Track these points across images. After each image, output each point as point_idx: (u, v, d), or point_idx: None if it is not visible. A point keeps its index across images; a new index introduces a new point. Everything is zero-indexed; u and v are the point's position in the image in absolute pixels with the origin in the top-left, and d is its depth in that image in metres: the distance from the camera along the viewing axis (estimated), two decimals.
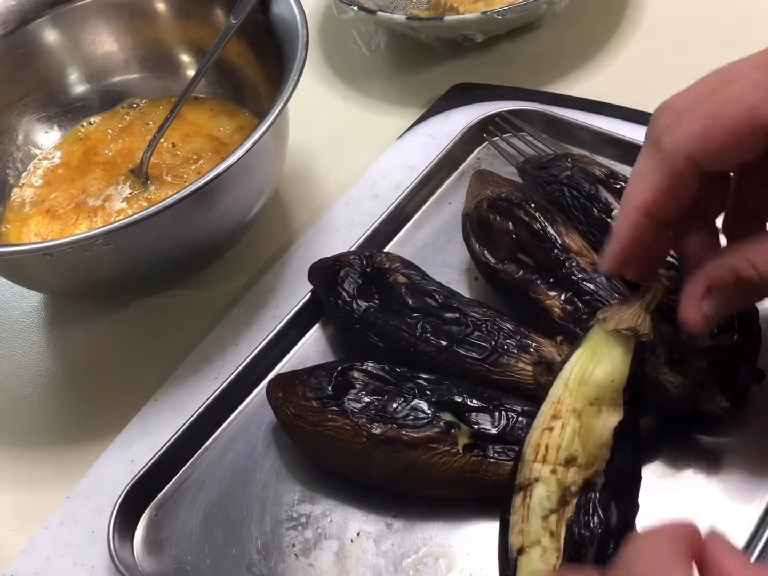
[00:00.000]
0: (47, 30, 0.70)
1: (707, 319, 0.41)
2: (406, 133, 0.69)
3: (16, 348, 0.64)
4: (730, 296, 0.41)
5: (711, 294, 0.41)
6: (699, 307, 0.41)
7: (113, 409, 0.58)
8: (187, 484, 0.53)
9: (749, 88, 0.36)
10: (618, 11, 0.77)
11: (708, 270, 0.41)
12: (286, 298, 0.60)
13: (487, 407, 0.47)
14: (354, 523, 0.49)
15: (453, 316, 0.51)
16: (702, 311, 0.41)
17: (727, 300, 0.41)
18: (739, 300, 0.41)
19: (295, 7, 0.61)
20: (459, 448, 0.46)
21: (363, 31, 0.81)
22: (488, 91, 0.70)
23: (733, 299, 0.41)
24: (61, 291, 0.64)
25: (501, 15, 0.71)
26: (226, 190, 0.56)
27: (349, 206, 0.65)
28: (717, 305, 0.41)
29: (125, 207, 0.65)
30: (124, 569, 0.48)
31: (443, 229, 0.62)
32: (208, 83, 0.70)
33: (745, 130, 0.37)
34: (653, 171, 0.39)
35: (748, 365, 0.47)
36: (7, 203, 0.68)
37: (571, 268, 0.51)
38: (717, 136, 0.37)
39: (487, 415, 0.47)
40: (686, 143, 0.38)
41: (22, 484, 0.57)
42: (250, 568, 0.48)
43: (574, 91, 0.70)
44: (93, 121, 0.72)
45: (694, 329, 0.41)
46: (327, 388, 0.49)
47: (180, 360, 0.59)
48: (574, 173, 0.56)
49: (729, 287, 0.40)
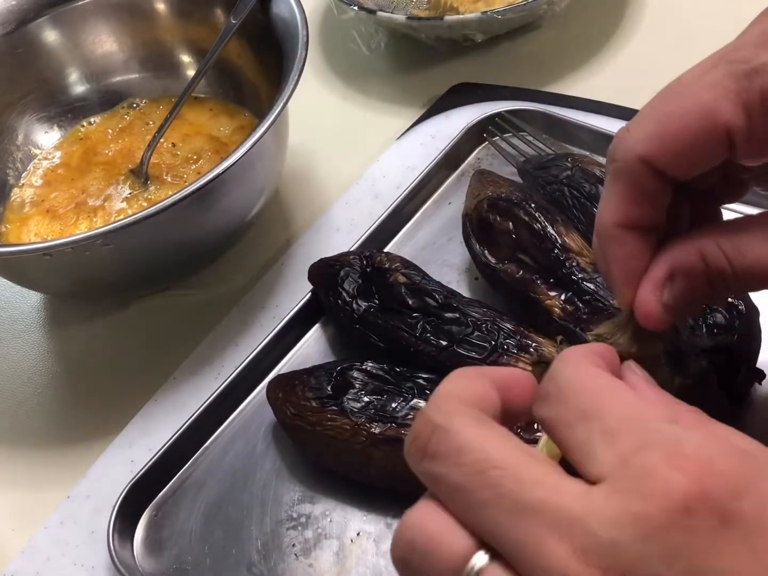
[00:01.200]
0: (47, 30, 0.70)
1: (666, 311, 0.35)
2: (406, 133, 0.69)
3: (16, 348, 0.64)
4: (695, 286, 0.35)
5: (674, 281, 0.35)
6: (658, 294, 0.35)
7: (113, 409, 0.58)
8: (187, 484, 0.53)
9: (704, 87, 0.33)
10: (618, 11, 0.77)
11: (672, 252, 0.35)
12: (286, 298, 0.60)
13: None
14: (354, 523, 0.49)
15: (453, 316, 0.51)
16: (661, 299, 0.35)
17: (692, 290, 0.35)
18: (706, 293, 0.35)
19: (295, 7, 0.61)
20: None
21: (363, 31, 0.81)
22: (488, 91, 0.70)
23: (698, 291, 0.35)
24: (61, 291, 0.64)
25: (501, 15, 0.71)
26: (226, 190, 0.56)
27: (349, 206, 0.65)
28: (679, 295, 0.35)
29: (125, 207, 0.65)
30: (124, 569, 0.48)
31: (443, 229, 0.62)
32: (208, 83, 0.70)
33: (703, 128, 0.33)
34: (610, 184, 0.35)
35: (748, 365, 0.47)
36: (7, 203, 0.68)
37: (571, 268, 0.51)
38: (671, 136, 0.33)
39: None
40: (636, 144, 0.34)
41: (22, 484, 0.57)
42: (250, 568, 0.48)
43: (574, 91, 0.70)
44: (93, 121, 0.72)
45: (650, 322, 0.35)
46: (326, 388, 0.49)
47: (180, 360, 0.59)
48: (574, 173, 0.56)
49: (694, 275, 0.34)
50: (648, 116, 0.34)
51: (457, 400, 0.28)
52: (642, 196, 0.35)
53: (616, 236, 0.35)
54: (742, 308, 0.47)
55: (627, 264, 0.36)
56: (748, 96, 0.32)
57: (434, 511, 0.27)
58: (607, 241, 0.36)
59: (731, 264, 0.34)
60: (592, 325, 0.44)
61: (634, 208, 0.35)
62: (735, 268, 0.34)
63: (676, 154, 0.33)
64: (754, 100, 0.32)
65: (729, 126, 0.32)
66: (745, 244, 0.34)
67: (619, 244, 0.36)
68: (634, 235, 0.35)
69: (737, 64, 0.33)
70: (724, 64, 0.33)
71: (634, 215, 0.35)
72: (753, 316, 0.47)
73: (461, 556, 0.26)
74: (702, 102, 0.33)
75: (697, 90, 0.33)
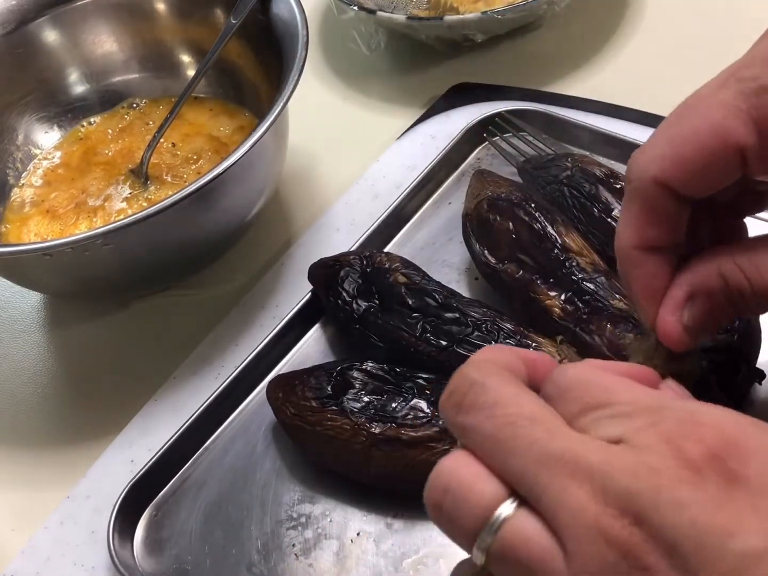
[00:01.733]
0: (47, 30, 0.70)
1: (688, 332, 0.36)
2: (406, 133, 0.69)
3: (16, 348, 0.64)
4: (715, 306, 0.35)
5: (694, 301, 0.35)
6: (679, 316, 0.35)
7: (113, 409, 0.58)
8: (187, 484, 0.53)
9: (715, 106, 0.33)
10: (618, 11, 0.77)
11: (692, 272, 0.35)
12: (286, 298, 0.60)
13: None
14: (354, 523, 0.49)
15: (453, 316, 0.51)
16: (682, 321, 0.35)
17: (712, 310, 0.35)
18: (727, 313, 0.35)
19: (295, 7, 0.61)
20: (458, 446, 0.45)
21: (363, 31, 0.80)
22: (488, 91, 0.70)
23: (719, 310, 0.35)
24: (61, 291, 0.64)
25: (501, 15, 0.71)
26: (226, 190, 0.56)
27: (349, 206, 0.65)
28: (700, 316, 0.35)
29: (125, 207, 0.65)
30: (124, 569, 0.48)
31: (443, 229, 0.62)
32: (208, 83, 0.70)
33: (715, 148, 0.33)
34: (627, 206, 0.36)
35: (748, 365, 0.47)
36: (7, 203, 0.68)
37: (571, 268, 0.51)
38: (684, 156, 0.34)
39: None
40: (650, 166, 0.34)
41: (22, 484, 0.57)
42: (250, 568, 0.48)
43: (574, 91, 0.70)
44: (93, 121, 0.72)
45: (672, 343, 0.36)
46: (326, 387, 0.49)
47: (180, 360, 0.59)
48: (574, 173, 0.56)
49: (715, 295, 0.35)
50: (661, 137, 0.35)
51: (492, 363, 0.31)
52: (658, 217, 0.35)
53: (635, 258, 0.36)
54: None
55: (647, 284, 0.36)
56: (758, 114, 0.33)
57: (468, 460, 0.29)
58: (626, 263, 0.36)
59: (750, 282, 0.34)
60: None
61: (651, 230, 0.35)
62: (754, 286, 0.34)
63: (689, 174, 0.34)
64: (764, 117, 0.33)
65: (741, 145, 0.33)
66: (763, 262, 0.34)
67: (638, 266, 0.36)
68: (652, 256, 0.36)
69: (746, 82, 0.33)
70: (733, 82, 0.34)
71: (651, 236, 0.35)
72: (753, 317, 0.47)
73: (491, 502, 0.28)
74: (713, 121, 0.33)
75: (708, 109, 0.34)
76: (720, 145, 0.33)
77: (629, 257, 0.36)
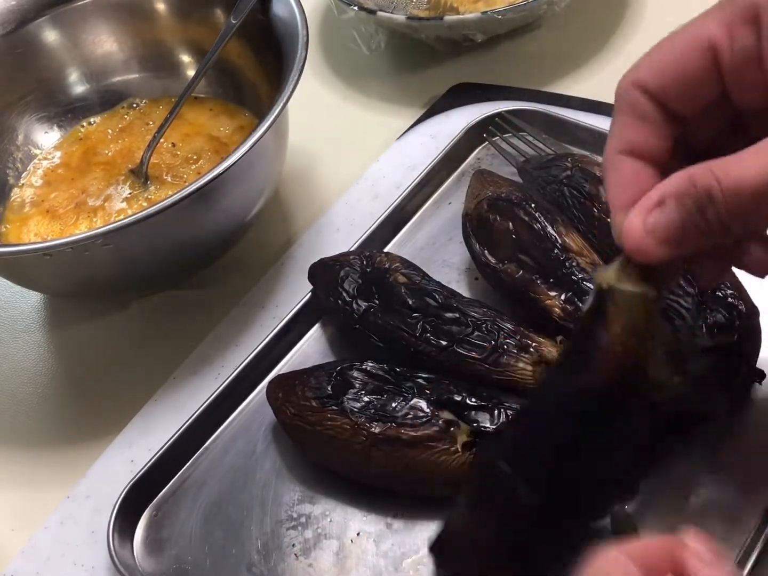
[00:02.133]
0: (47, 30, 0.70)
1: (650, 236, 0.34)
2: (406, 133, 0.69)
3: (16, 348, 0.64)
4: (684, 216, 0.33)
5: (663, 207, 0.34)
6: (644, 218, 0.34)
7: (113, 409, 0.58)
8: (187, 484, 0.53)
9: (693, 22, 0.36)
10: (618, 11, 0.77)
11: (666, 181, 0.34)
12: (286, 298, 0.60)
13: (486, 405, 0.47)
14: (354, 523, 0.49)
15: (453, 316, 0.51)
16: (647, 224, 0.34)
17: (681, 221, 0.34)
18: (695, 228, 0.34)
19: (295, 7, 0.61)
20: (458, 446, 0.46)
21: (363, 31, 0.80)
22: (488, 91, 0.70)
23: (689, 224, 0.33)
24: (61, 291, 0.64)
25: (501, 15, 0.71)
26: (226, 190, 0.56)
27: (349, 206, 0.65)
28: (666, 223, 0.34)
29: (125, 207, 0.65)
30: (124, 569, 0.48)
31: (443, 229, 0.62)
32: (208, 83, 0.70)
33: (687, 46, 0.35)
34: (613, 114, 0.38)
35: (748, 365, 0.47)
36: (7, 203, 0.68)
37: (571, 268, 0.51)
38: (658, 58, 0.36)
39: (486, 413, 0.47)
40: (629, 73, 0.37)
41: (22, 484, 0.57)
42: (250, 568, 0.48)
43: (574, 91, 0.70)
44: (93, 121, 0.72)
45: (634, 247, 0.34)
46: (326, 387, 0.49)
47: (180, 360, 0.59)
48: (574, 173, 0.56)
49: (685, 203, 0.33)
50: (650, 51, 0.37)
51: None
52: (638, 120, 0.37)
53: (615, 162, 0.37)
54: (742, 308, 0.47)
55: (622, 188, 0.37)
56: (732, 13, 0.35)
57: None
58: (606, 168, 0.37)
59: (719, 182, 0.33)
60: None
61: (631, 132, 0.37)
62: (722, 185, 0.33)
63: (664, 74, 0.36)
64: (735, 14, 0.35)
65: (713, 41, 0.35)
66: (733, 163, 0.33)
67: (614, 169, 0.37)
68: (630, 162, 0.37)
69: None
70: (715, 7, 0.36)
71: (630, 139, 0.37)
72: (753, 316, 0.47)
73: None
74: (688, 29, 0.36)
75: (698, 26, 0.36)
76: (692, 43, 0.35)
77: (610, 161, 0.37)
